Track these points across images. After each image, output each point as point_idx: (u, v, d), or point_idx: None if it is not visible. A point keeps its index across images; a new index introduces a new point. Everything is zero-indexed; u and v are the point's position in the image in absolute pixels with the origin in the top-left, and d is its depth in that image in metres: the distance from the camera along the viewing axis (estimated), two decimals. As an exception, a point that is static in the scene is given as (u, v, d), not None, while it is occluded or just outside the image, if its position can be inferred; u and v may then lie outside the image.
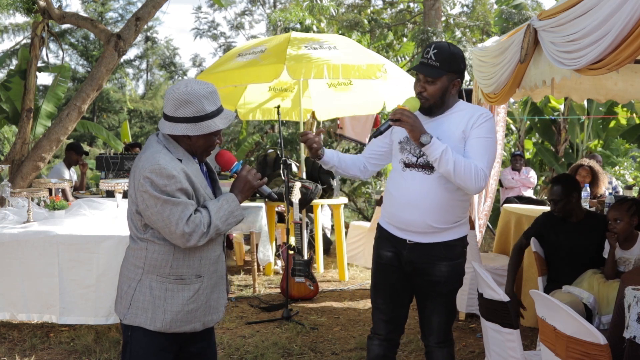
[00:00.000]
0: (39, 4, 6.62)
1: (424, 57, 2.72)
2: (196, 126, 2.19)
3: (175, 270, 2.26)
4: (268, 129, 15.97)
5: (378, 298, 2.94)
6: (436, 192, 2.71)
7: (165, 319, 2.25)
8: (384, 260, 2.89)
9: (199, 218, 2.19)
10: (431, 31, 10.12)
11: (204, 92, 2.20)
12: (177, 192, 2.16)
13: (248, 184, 2.33)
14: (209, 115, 2.21)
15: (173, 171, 2.15)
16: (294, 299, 5.48)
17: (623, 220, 3.51)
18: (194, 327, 2.32)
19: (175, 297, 2.26)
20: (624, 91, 5.30)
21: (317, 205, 6.54)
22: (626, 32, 2.42)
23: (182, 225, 2.15)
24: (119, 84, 24.17)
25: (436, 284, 2.78)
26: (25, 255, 4.23)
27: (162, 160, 2.17)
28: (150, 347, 2.28)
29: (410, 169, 2.76)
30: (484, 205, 5.39)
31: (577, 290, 3.50)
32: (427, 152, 2.61)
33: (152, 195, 2.14)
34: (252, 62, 6.03)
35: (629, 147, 11.90)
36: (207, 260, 2.32)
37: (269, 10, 19.25)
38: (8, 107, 7.68)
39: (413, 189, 2.74)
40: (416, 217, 2.73)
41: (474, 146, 2.67)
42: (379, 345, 2.96)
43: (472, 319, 4.94)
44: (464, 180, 2.60)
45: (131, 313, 2.28)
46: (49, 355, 4.14)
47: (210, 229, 2.20)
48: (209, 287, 2.34)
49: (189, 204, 2.18)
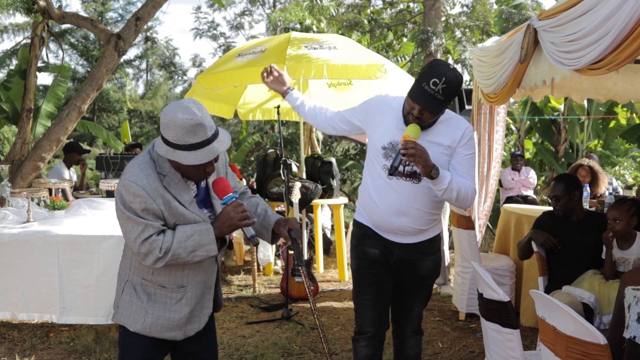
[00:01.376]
0: (39, 4, 6.62)
1: (430, 88, 2.58)
2: (174, 153, 2.09)
3: (156, 278, 2.25)
4: (268, 129, 15.98)
5: (365, 294, 2.94)
6: (424, 200, 2.78)
7: (146, 322, 2.25)
8: (370, 256, 2.91)
9: (159, 242, 2.12)
10: (431, 31, 10.11)
11: (185, 124, 2.04)
12: (142, 211, 2.11)
13: (229, 222, 2.18)
14: (187, 146, 2.07)
15: (139, 190, 2.09)
16: (294, 299, 5.48)
17: (622, 221, 3.51)
18: (174, 336, 2.30)
19: (157, 302, 2.25)
20: (624, 91, 5.30)
21: (317, 205, 6.54)
22: (626, 32, 2.42)
23: (138, 244, 2.12)
24: (119, 84, 24.17)
25: (423, 277, 2.94)
26: (26, 255, 4.23)
27: (135, 175, 2.12)
28: (141, 346, 2.30)
29: (396, 177, 2.76)
30: (484, 205, 5.40)
31: (578, 290, 3.50)
32: (435, 184, 2.65)
33: (119, 208, 2.14)
34: (252, 62, 6.03)
35: (629, 147, 11.90)
36: (191, 271, 2.26)
37: (269, 10, 19.24)
38: (8, 107, 7.68)
39: (401, 198, 2.77)
40: (407, 223, 2.81)
41: (462, 163, 2.78)
42: (367, 345, 2.97)
43: (472, 319, 4.94)
44: (462, 203, 2.76)
45: (119, 312, 2.30)
46: (49, 355, 4.15)
47: (167, 255, 2.13)
48: (194, 297, 2.30)
49: (150, 225, 2.11)
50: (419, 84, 2.64)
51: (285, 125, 13.43)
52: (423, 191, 2.76)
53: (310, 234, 7.13)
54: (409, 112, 2.68)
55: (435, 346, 4.42)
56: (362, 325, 2.97)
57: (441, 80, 2.57)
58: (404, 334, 3.03)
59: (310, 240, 7.11)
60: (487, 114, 5.23)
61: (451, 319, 5.05)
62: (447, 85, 2.58)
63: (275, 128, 14.88)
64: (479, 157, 5.30)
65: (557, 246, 3.79)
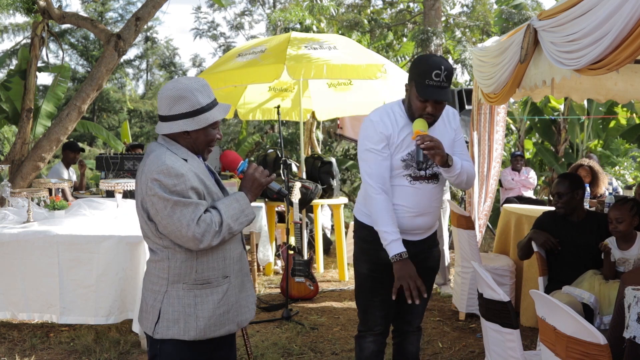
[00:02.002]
0: (39, 4, 6.62)
1: (436, 80, 2.63)
2: (194, 120, 2.15)
3: (201, 275, 2.20)
4: (268, 129, 15.97)
5: (376, 296, 2.97)
6: (439, 197, 2.97)
7: (199, 326, 2.19)
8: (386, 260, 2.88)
9: (210, 217, 2.13)
10: (431, 31, 10.12)
11: (196, 86, 2.16)
12: (188, 191, 2.10)
13: (256, 182, 2.29)
14: (205, 108, 2.16)
15: (181, 169, 2.10)
16: (294, 299, 5.48)
17: (625, 221, 3.52)
18: (228, 330, 2.28)
19: (205, 303, 2.20)
20: (624, 91, 5.30)
21: (317, 205, 6.54)
22: (626, 32, 2.43)
23: (193, 227, 2.08)
24: (119, 84, 24.17)
25: (431, 268, 3.04)
26: (26, 255, 4.23)
27: (169, 160, 2.11)
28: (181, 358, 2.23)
29: (419, 182, 2.85)
30: (484, 205, 5.39)
31: (578, 290, 3.50)
32: (449, 171, 2.77)
33: (162, 197, 2.08)
34: (252, 62, 6.03)
35: (629, 147, 11.90)
36: (231, 260, 2.28)
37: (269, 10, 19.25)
38: (8, 107, 7.68)
39: (426, 199, 2.89)
40: (428, 221, 2.94)
41: (460, 147, 2.94)
42: (374, 341, 3.02)
43: (472, 319, 4.94)
44: (470, 183, 2.93)
45: (162, 326, 2.20)
46: (49, 355, 4.15)
47: (222, 228, 2.14)
48: (236, 286, 2.29)
49: (200, 204, 2.12)
50: (421, 82, 2.65)
51: (285, 125, 13.43)
52: (439, 189, 2.93)
53: (310, 234, 7.13)
54: (422, 113, 2.71)
55: (435, 346, 4.42)
56: (372, 325, 3.01)
57: (441, 70, 2.64)
58: (407, 330, 3.07)
59: (310, 240, 7.11)
60: (487, 114, 5.23)
61: (451, 319, 5.05)
62: (448, 71, 2.67)
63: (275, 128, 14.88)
64: (478, 157, 5.30)
65: (557, 246, 3.79)
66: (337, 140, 14.25)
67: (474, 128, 5.27)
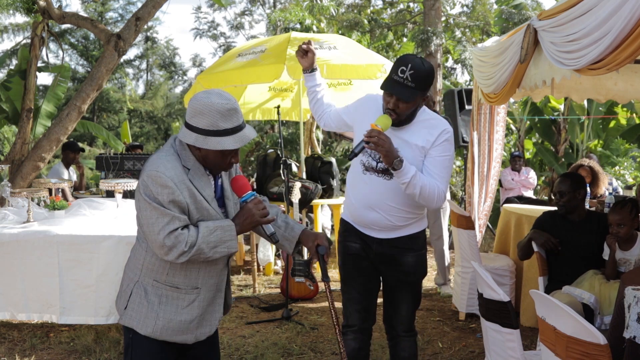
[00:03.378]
0: (39, 4, 6.62)
1: (399, 76, 2.66)
2: (205, 140, 2.09)
3: (171, 278, 2.21)
4: (268, 129, 15.98)
5: (351, 288, 2.98)
6: (394, 196, 2.81)
7: (157, 325, 2.20)
8: (353, 250, 2.96)
9: (184, 236, 2.09)
10: (431, 31, 10.11)
11: (221, 108, 2.08)
12: (169, 203, 2.08)
13: (250, 218, 2.20)
14: (221, 132, 2.08)
15: (168, 181, 2.07)
16: (294, 299, 5.48)
17: (626, 225, 3.51)
18: (184, 339, 2.27)
19: (169, 305, 2.21)
20: (624, 91, 5.30)
21: (317, 205, 6.54)
22: (626, 32, 2.42)
23: (162, 236, 2.07)
24: (119, 84, 24.17)
25: (405, 273, 2.93)
26: (25, 255, 4.23)
27: (163, 167, 2.09)
28: (152, 350, 2.25)
29: (369, 173, 2.83)
30: (484, 205, 5.39)
31: (578, 290, 3.50)
32: (397, 175, 2.67)
33: (144, 199, 2.10)
34: (252, 62, 6.03)
35: (629, 147, 11.90)
36: (206, 273, 2.24)
37: (269, 10, 19.25)
38: (8, 107, 7.69)
39: (373, 193, 2.82)
40: (379, 218, 2.85)
41: (435, 165, 2.77)
42: (354, 339, 2.99)
43: (472, 319, 4.94)
44: (426, 201, 2.74)
45: (127, 314, 2.24)
46: (49, 355, 4.15)
47: (192, 250, 2.10)
48: (205, 299, 2.27)
49: (176, 217, 2.09)
50: (389, 77, 2.72)
51: (285, 125, 13.43)
52: (395, 188, 2.78)
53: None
54: (386, 107, 2.74)
55: (435, 346, 4.42)
56: (348, 319, 3.01)
57: (407, 67, 2.64)
58: (396, 334, 3.03)
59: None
60: (487, 114, 5.23)
61: (451, 319, 5.05)
62: (415, 71, 2.63)
63: (275, 128, 14.88)
64: (478, 157, 5.30)
65: (558, 246, 3.79)
66: (337, 140, 14.24)
67: (474, 128, 5.27)
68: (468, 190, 5.43)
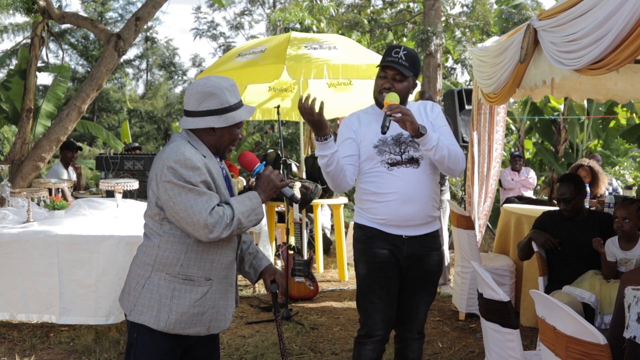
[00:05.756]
0: (39, 4, 6.62)
1: (393, 56, 2.80)
2: (220, 118, 2.20)
3: (185, 270, 2.22)
4: (268, 129, 15.99)
5: (375, 298, 2.90)
6: (428, 183, 2.88)
7: (170, 319, 2.21)
8: (381, 258, 2.89)
9: (222, 210, 2.16)
10: (431, 31, 10.11)
11: (226, 85, 2.23)
12: (201, 183, 2.15)
13: (271, 184, 2.31)
14: (233, 107, 2.22)
15: (198, 163, 2.15)
16: (294, 299, 5.48)
17: (631, 220, 3.52)
18: (198, 331, 2.28)
19: (182, 298, 2.22)
20: (624, 91, 5.30)
21: (317, 205, 6.54)
22: (626, 32, 2.42)
23: (205, 215, 2.11)
24: (118, 84, 24.16)
25: (430, 273, 2.96)
26: (25, 255, 4.23)
27: (188, 152, 2.17)
28: (156, 349, 2.25)
29: (397, 167, 2.84)
30: (484, 205, 5.39)
31: (578, 290, 3.50)
32: (424, 142, 2.72)
33: (176, 184, 2.12)
34: (252, 62, 6.03)
35: (629, 147, 11.90)
36: (219, 264, 2.28)
37: (269, 10, 19.26)
38: (8, 107, 7.68)
39: (409, 184, 2.82)
40: (417, 210, 2.85)
41: (444, 133, 2.88)
42: (373, 349, 2.94)
43: (472, 319, 4.94)
44: (455, 163, 2.80)
45: (137, 310, 2.23)
46: (49, 355, 4.14)
47: (233, 222, 2.17)
48: (217, 292, 2.29)
49: (213, 195, 2.18)
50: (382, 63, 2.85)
51: (285, 125, 13.43)
52: (424, 174, 2.85)
53: (310, 234, 7.13)
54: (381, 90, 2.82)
55: (435, 346, 4.42)
56: (372, 329, 2.93)
57: (400, 49, 2.81)
58: (408, 337, 3.00)
59: (310, 240, 7.10)
60: (487, 114, 5.23)
61: (451, 319, 5.05)
62: (407, 52, 2.80)
63: (275, 128, 14.89)
64: (478, 157, 5.30)
65: (558, 247, 3.78)
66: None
67: (474, 128, 5.27)
68: (468, 190, 5.43)
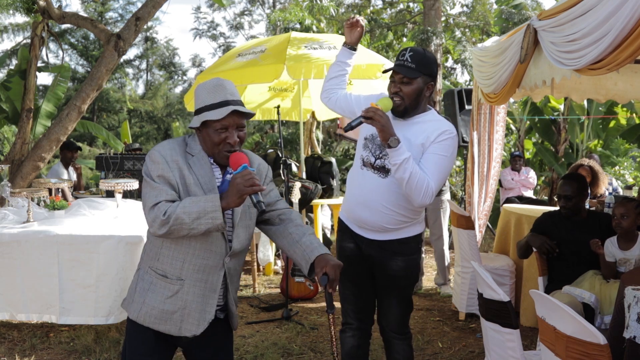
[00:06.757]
0: (39, 4, 6.62)
1: (400, 60, 2.79)
2: (199, 118, 2.21)
3: (161, 265, 2.24)
4: (268, 129, 15.99)
5: (345, 289, 3.00)
6: (388, 196, 2.79)
7: (142, 310, 2.25)
8: (347, 252, 2.98)
9: (165, 206, 2.10)
10: (431, 31, 10.11)
11: (208, 86, 2.21)
12: (158, 177, 2.15)
13: (235, 188, 2.08)
14: (207, 107, 2.18)
15: (159, 157, 2.17)
16: (293, 299, 5.48)
17: (630, 217, 3.53)
18: (168, 329, 2.25)
19: (155, 292, 2.24)
20: (624, 91, 5.29)
21: (317, 205, 6.54)
22: (626, 32, 2.42)
23: (147, 209, 2.13)
24: (118, 84, 24.17)
25: (394, 278, 2.90)
26: (25, 255, 4.23)
27: (161, 147, 2.21)
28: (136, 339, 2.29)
29: (367, 169, 2.85)
30: (484, 205, 5.39)
31: (578, 290, 3.50)
32: (391, 155, 2.65)
33: (143, 174, 2.21)
34: (252, 62, 6.03)
35: (629, 147, 11.90)
36: (191, 265, 2.21)
37: (269, 10, 19.26)
38: (8, 107, 7.69)
39: (367, 190, 2.83)
40: (369, 217, 2.84)
41: (429, 161, 2.72)
42: (352, 336, 3.02)
43: (472, 319, 4.94)
44: (412, 192, 2.67)
45: (126, 299, 2.34)
46: (49, 355, 4.14)
47: (170, 220, 2.07)
48: (190, 294, 2.22)
49: (163, 191, 2.13)
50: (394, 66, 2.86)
51: (285, 125, 13.43)
52: (388, 187, 2.78)
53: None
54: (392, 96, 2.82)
55: (435, 346, 4.42)
56: (345, 318, 3.05)
57: (407, 50, 2.81)
58: (387, 336, 3.03)
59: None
60: (487, 114, 5.23)
61: (451, 319, 5.05)
62: (414, 53, 2.78)
63: (275, 128, 14.89)
64: (478, 157, 5.30)
65: (555, 250, 3.79)
66: (337, 140, 14.25)
67: (474, 128, 5.27)
68: (468, 190, 5.43)
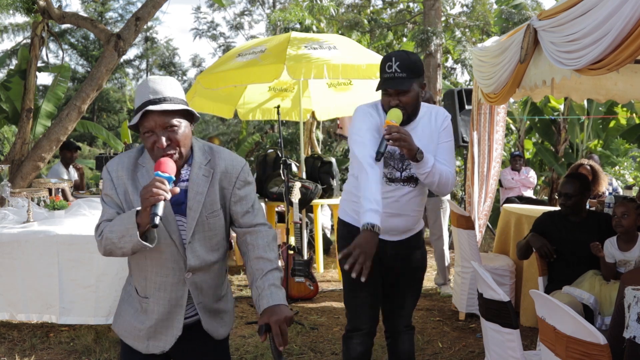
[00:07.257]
0: (39, 4, 6.63)
1: (388, 73, 2.71)
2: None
3: (133, 280, 2.18)
4: (268, 129, 15.98)
5: (361, 292, 2.94)
6: (418, 202, 2.91)
7: (118, 322, 2.20)
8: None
9: (103, 226, 2.01)
10: (431, 31, 10.11)
11: (138, 88, 2.02)
12: (105, 196, 2.07)
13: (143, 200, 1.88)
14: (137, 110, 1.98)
15: (106, 174, 2.07)
16: (294, 299, 5.48)
17: (630, 216, 3.53)
18: (136, 346, 2.16)
19: (130, 305, 2.17)
20: (624, 91, 5.30)
21: (317, 205, 6.54)
22: (626, 32, 2.42)
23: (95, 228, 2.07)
24: (118, 84, 24.18)
25: (415, 268, 3.03)
26: (25, 255, 4.23)
27: (110, 162, 2.09)
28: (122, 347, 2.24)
29: (395, 184, 2.85)
30: (484, 205, 5.39)
31: (578, 291, 3.50)
32: (419, 166, 2.70)
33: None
34: (252, 62, 6.03)
35: (629, 147, 11.90)
36: (152, 283, 2.09)
37: (269, 10, 19.26)
38: (8, 107, 7.69)
39: (401, 202, 2.86)
40: (401, 224, 2.91)
41: (443, 152, 2.84)
42: (361, 343, 2.99)
43: (472, 319, 4.94)
44: (442, 187, 2.81)
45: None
46: (49, 355, 4.15)
47: (103, 240, 1.99)
48: (157, 312, 2.11)
49: (106, 210, 2.05)
50: (380, 78, 2.77)
51: (285, 125, 13.43)
52: (418, 193, 2.88)
53: (310, 234, 7.13)
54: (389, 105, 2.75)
55: (435, 346, 4.42)
56: (358, 323, 3.00)
57: (392, 61, 2.70)
58: (397, 329, 3.07)
59: (310, 240, 7.11)
60: (487, 114, 5.23)
61: (451, 319, 5.05)
62: (400, 62, 2.69)
63: (275, 128, 14.89)
64: (478, 157, 5.30)
65: (552, 255, 3.79)
66: (337, 140, 14.25)
67: (474, 128, 5.27)
68: (468, 190, 5.43)
